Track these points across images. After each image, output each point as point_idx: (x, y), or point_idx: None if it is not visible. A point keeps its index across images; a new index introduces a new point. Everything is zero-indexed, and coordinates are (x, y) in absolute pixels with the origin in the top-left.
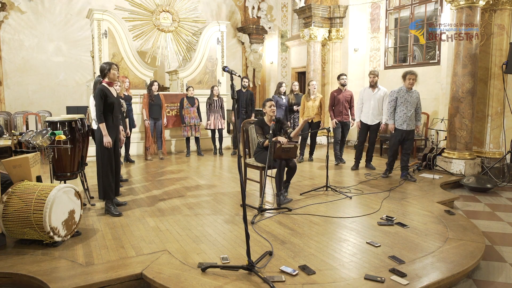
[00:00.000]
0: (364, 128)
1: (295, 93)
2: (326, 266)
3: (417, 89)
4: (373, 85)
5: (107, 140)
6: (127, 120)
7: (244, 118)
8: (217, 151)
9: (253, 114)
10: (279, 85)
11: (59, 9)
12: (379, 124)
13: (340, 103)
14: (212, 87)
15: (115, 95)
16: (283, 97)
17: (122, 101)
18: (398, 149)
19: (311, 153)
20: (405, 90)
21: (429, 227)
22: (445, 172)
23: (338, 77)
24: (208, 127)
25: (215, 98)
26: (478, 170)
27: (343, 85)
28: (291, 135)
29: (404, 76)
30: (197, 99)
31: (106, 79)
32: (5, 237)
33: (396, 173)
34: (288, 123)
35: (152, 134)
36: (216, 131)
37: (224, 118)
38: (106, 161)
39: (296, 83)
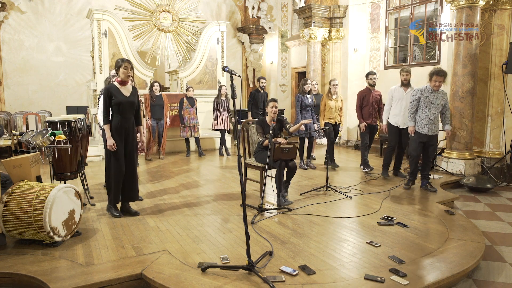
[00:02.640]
0: (395, 131)
1: (314, 93)
2: (326, 266)
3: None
4: (406, 84)
5: (109, 143)
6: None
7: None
8: (224, 152)
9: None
10: (304, 82)
11: (59, 9)
12: None
13: (370, 104)
14: (220, 87)
15: (126, 94)
16: (308, 96)
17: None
18: (419, 155)
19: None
20: (430, 90)
21: (429, 227)
22: (445, 172)
23: (367, 76)
24: (215, 128)
25: (223, 98)
26: (478, 170)
27: (372, 85)
28: (291, 130)
29: (430, 76)
30: (196, 100)
31: (118, 78)
32: (5, 237)
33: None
34: (315, 125)
35: (153, 134)
36: (222, 131)
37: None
38: (111, 164)
39: (315, 82)
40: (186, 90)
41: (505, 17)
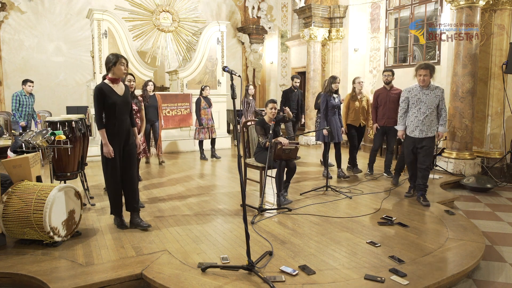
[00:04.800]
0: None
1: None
2: (326, 266)
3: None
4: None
5: (106, 150)
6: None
7: (294, 121)
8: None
9: (303, 116)
10: (332, 80)
11: (59, 9)
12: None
13: (384, 104)
14: (248, 86)
15: (120, 93)
16: (335, 96)
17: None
18: (414, 161)
19: (353, 163)
20: (419, 88)
21: (429, 227)
22: (445, 172)
23: (382, 73)
24: None
25: (251, 98)
26: (478, 170)
27: (385, 82)
28: (286, 114)
29: (415, 71)
30: (211, 100)
31: (110, 75)
32: (5, 237)
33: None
34: (343, 128)
35: (148, 137)
36: None
37: None
38: (109, 173)
39: (338, 79)
40: (202, 90)
41: (505, 17)
